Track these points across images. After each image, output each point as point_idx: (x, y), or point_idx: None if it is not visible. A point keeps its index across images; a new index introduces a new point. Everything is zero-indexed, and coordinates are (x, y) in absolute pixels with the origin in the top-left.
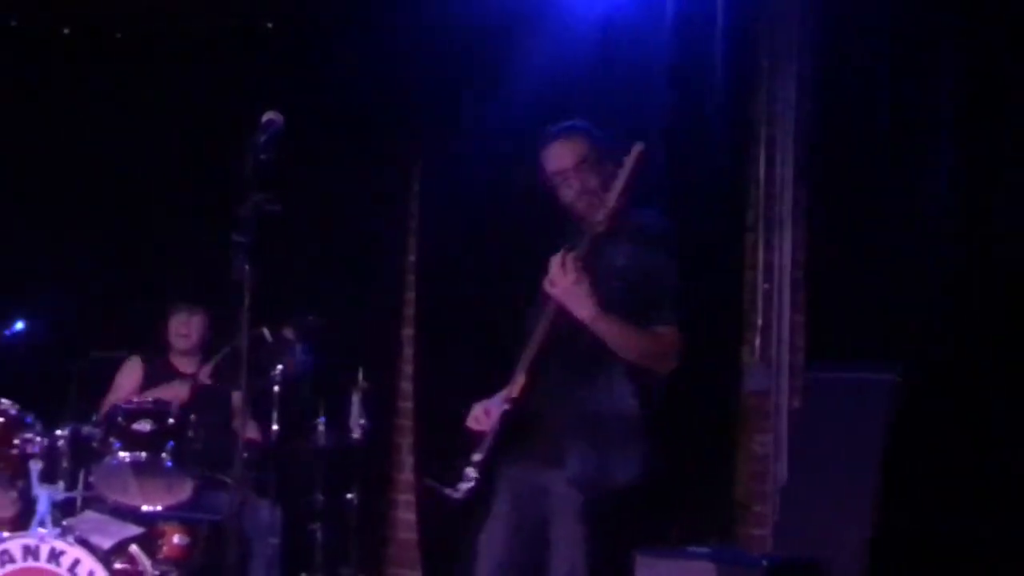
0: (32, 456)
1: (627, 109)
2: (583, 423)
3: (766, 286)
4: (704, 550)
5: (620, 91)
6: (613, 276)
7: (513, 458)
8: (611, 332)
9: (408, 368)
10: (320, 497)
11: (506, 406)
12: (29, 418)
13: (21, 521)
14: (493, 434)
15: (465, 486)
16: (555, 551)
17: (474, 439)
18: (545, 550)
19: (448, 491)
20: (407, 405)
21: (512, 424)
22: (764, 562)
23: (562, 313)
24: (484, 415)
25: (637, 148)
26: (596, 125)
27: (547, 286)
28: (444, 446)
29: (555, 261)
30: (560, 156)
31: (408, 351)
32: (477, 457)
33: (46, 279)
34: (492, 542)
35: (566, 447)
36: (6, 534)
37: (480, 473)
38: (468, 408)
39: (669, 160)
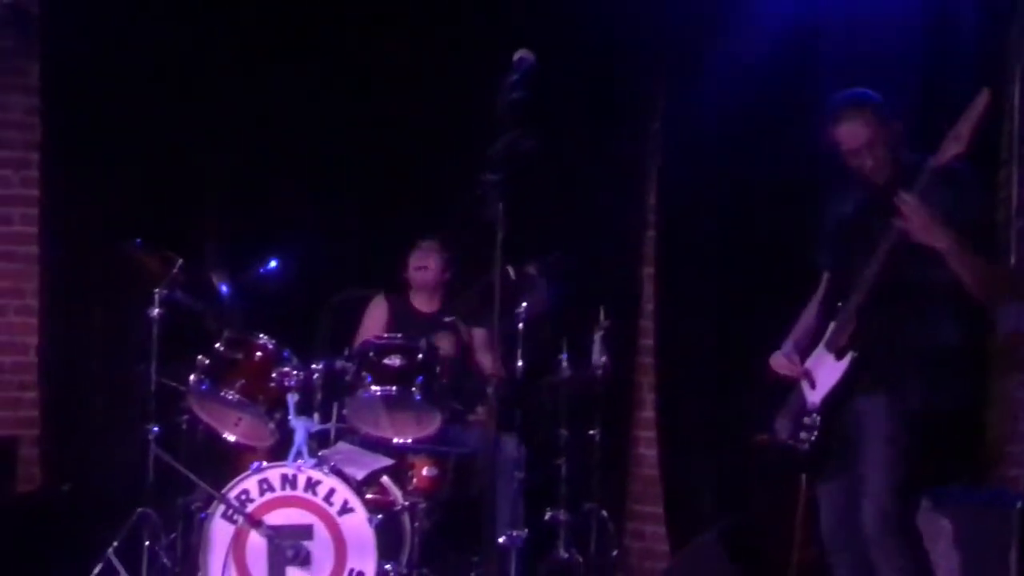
0: (289, 389)
1: (878, 48)
2: (911, 355)
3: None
4: (962, 489)
5: (869, 31)
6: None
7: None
8: (965, 263)
9: (649, 306)
10: (564, 433)
11: (854, 354)
12: (286, 352)
13: (278, 451)
14: (840, 380)
15: (806, 435)
16: (867, 469)
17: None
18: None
19: (791, 442)
20: (648, 343)
21: (857, 368)
22: (1019, 503)
23: (893, 254)
24: (788, 361)
25: (984, 96)
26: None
27: (899, 224)
28: (685, 385)
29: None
30: (852, 136)
31: (649, 289)
32: (813, 406)
33: (298, 217)
34: (833, 483)
35: (892, 378)
36: (265, 463)
37: (823, 420)
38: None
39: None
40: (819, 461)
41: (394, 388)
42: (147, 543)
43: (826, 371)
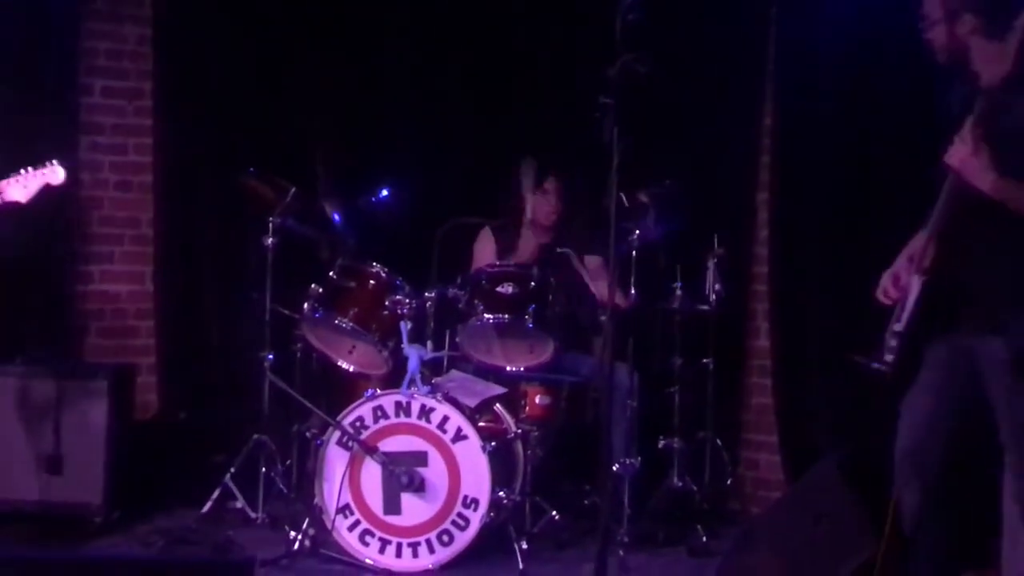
0: (402, 317)
1: None
2: (1017, 287)
3: None
4: None
5: None
6: (1014, 137)
7: (940, 327)
8: (1016, 199)
9: (763, 233)
10: (677, 361)
11: (923, 277)
12: (399, 281)
13: (392, 379)
14: (915, 303)
15: (890, 357)
16: (998, 411)
17: (886, 308)
18: (984, 412)
19: (875, 364)
20: (762, 270)
21: (934, 293)
22: None
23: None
24: (892, 286)
25: None
26: None
27: (947, 159)
28: (799, 313)
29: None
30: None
31: (763, 216)
32: (898, 327)
33: (410, 146)
34: (916, 410)
35: (1001, 312)
36: (379, 391)
37: (903, 343)
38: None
39: None
40: (899, 384)
41: (507, 316)
42: (263, 469)
43: (913, 293)
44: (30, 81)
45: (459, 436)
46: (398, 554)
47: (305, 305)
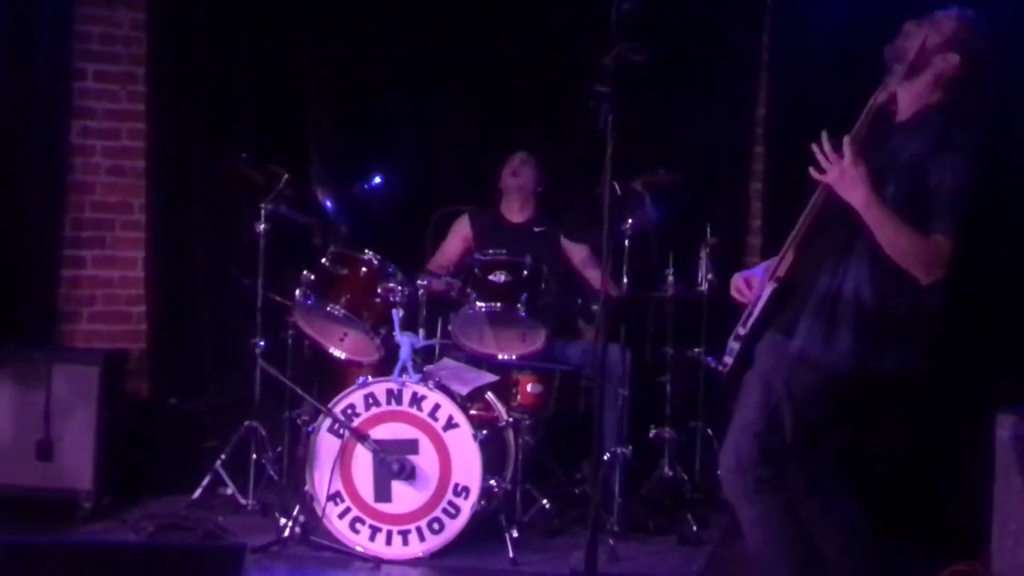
0: (394, 305)
1: None
2: (819, 301)
3: None
4: None
5: None
6: (896, 168)
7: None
8: (881, 222)
9: (756, 223)
10: (669, 350)
11: (774, 284)
12: (391, 268)
13: (383, 367)
14: (761, 310)
15: (729, 359)
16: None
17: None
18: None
19: (715, 365)
20: (754, 261)
21: (778, 300)
22: None
23: (833, 193)
24: (745, 286)
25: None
26: None
27: (819, 175)
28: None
29: (827, 144)
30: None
31: (756, 206)
32: (741, 331)
33: (403, 133)
34: (744, 404)
35: (801, 320)
36: (371, 378)
37: (743, 346)
38: None
39: None
40: (733, 389)
41: (499, 304)
42: (254, 456)
43: (762, 300)
44: (21, 65)
45: (450, 424)
46: (388, 542)
47: (297, 292)
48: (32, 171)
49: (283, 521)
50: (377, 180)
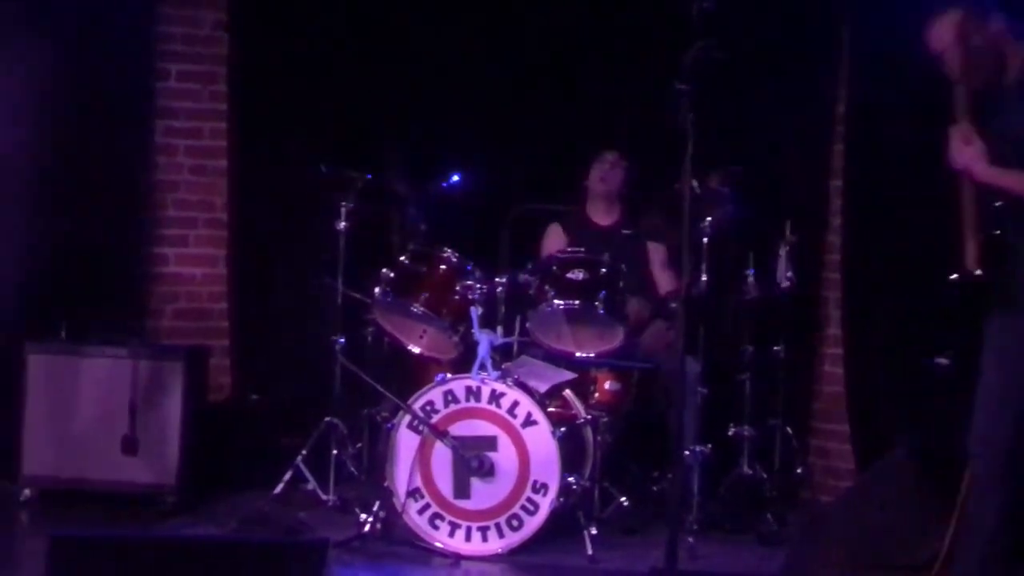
0: (473, 302)
1: None
2: None
3: None
4: None
5: None
6: (1006, 138)
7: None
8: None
9: (836, 221)
10: (748, 348)
11: (968, 276)
12: (469, 266)
13: (462, 364)
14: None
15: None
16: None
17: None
18: None
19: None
20: (834, 258)
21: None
22: None
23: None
24: None
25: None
26: None
27: (954, 163)
28: (872, 301)
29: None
30: (937, 38)
31: (836, 203)
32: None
33: (480, 132)
34: (985, 388)
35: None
36: (449, 375)
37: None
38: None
39: None
40: (961, 380)
41: (577, 302)
42: (334, 452)
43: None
44: (106, 66)
45: (529, 421)
46: (467, 538)
47: (376, 289)
48: (118, 170)
49: (363, 517)
50: (455, 178)
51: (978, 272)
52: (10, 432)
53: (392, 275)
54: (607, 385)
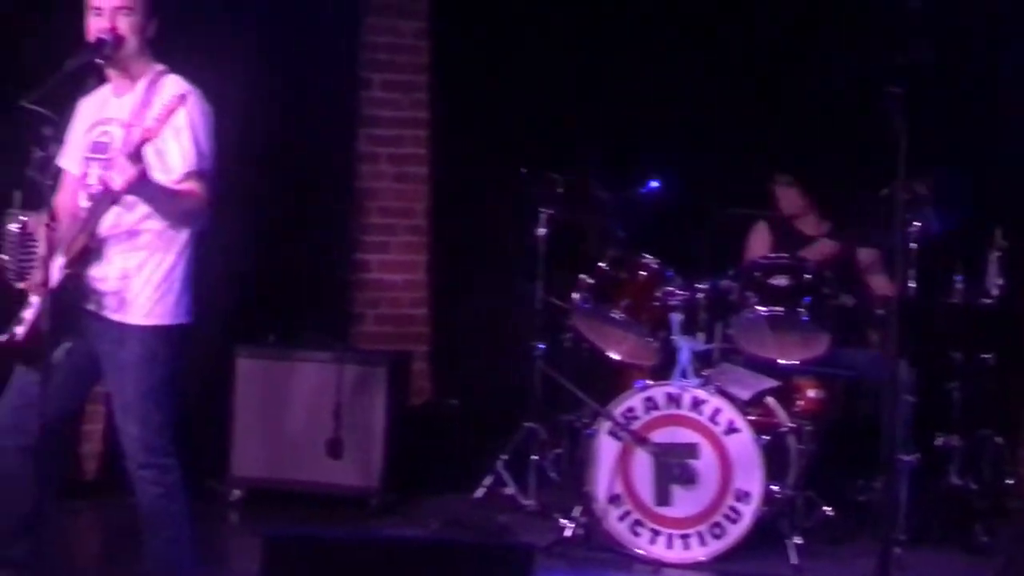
0: (673, 308)
1: None
2: None
3: None
4: None
5: None
6: None
7: None
8: None
9: None
10: (957, 356)
11: None
12: (670, 272)
13: (662, 370)
14: None
15: None
16: None
17: None
18: None
19: None
20: None
21: None
22: None
23: None
24: None
25: None
26: None
27: None
28: None
29: None
30: None
31: None
32: None
33: (679, 138)
34: None
35: None
36: (649, 382)
37: None
38: None
39: None
40: None
41: (781, 308)
42: (534, 457)
43: None
44: (313, 76)
45: (731, 429)
46: (669, 545)
47: (576, 295)
48: (323, 178)
49: (563, 522)
50: (654, 184)
51: None
52: (221, 434)
53: (592, 281)
54: (811, 393)
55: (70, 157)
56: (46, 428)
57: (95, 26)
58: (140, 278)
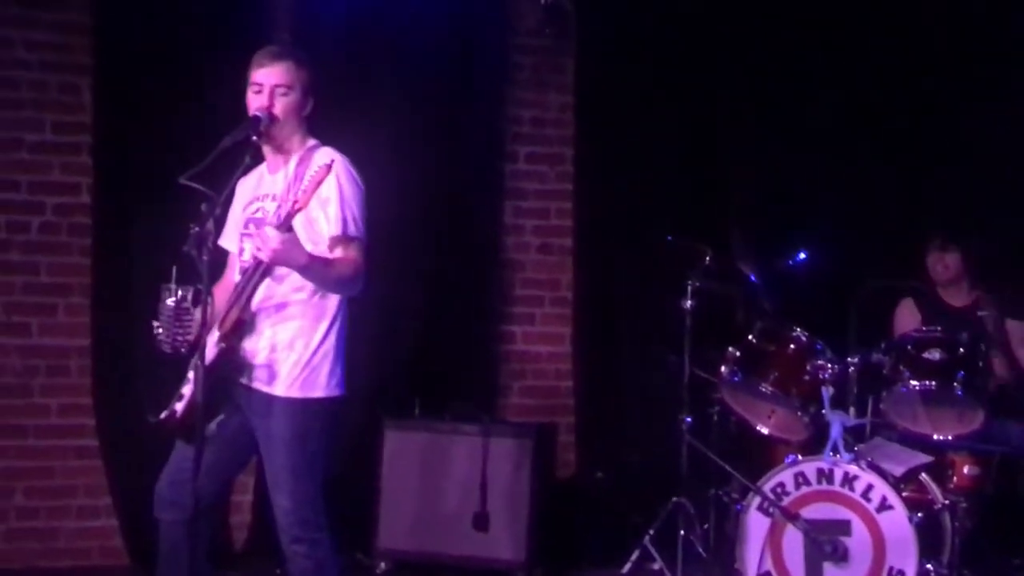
0: (824, 382)
1: None
2: None
3: None
4: None
5: None
6: None
7: None
8: None
9: None
10: None
11: None
12: (819, 345)
13: (812, 445)
14: None
15: None
16: None
17: None
18: None
19: None
20: None
21: None
22: None
23: None
24: None
25: None
26: None
27: None
28: None
29: None
30: None
31: None
32: None
33: (825, 210)
34: None
35: None
36: (800, 457)
37: None
38: None
39: None
40: None
41: (934, 383)
42: (682, 532)
43: None
44: (461, 149)
45: (884, 506)
46: None
47: (723, 368)
48: (469, 251)
49: None
50: (802, 256)
51: None
52: (367, 505)
53: (739, 354)
54: (966, 469)
55: (229, 237)
56: (200, 501)
57: (254, 103)
58: (290, 350)
